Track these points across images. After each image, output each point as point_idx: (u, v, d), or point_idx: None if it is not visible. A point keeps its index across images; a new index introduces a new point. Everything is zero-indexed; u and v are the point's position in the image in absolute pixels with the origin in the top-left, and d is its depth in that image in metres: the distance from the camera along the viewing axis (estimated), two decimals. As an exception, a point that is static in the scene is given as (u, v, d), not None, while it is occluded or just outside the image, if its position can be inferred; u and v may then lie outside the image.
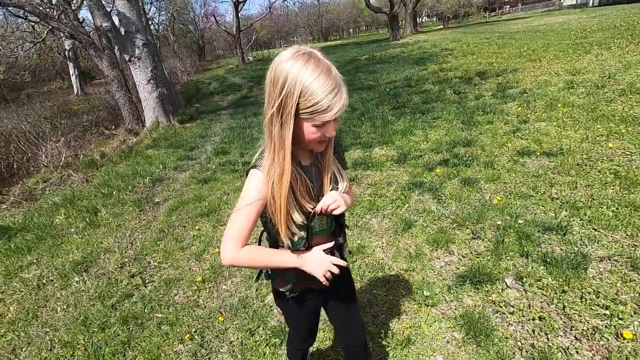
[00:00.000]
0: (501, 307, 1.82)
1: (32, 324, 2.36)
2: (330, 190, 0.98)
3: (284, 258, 0.98)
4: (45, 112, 12.77)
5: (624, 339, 1.53)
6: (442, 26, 40.72)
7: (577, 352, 1.53)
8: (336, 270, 0.98)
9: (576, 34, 11.85)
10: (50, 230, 3.74)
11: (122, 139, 8.04)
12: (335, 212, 0.95)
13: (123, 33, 7.70)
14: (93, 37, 8.69)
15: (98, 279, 2.78)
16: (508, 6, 67.20)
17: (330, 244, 1.03)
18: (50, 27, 8.61)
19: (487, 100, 5.55)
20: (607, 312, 1.67)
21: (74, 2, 8.85)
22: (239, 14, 25.32)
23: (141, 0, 11.00)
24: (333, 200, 0.95)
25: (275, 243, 1.03)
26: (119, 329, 2.15)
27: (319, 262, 0.98)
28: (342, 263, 0.99)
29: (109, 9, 8.24)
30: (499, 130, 4.20)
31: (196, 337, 1.99)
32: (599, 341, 1.56)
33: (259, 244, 1.03)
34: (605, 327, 1.60)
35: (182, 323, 2.12)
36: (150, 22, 29.18)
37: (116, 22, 7.96)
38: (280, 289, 1.11)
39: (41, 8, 7.79)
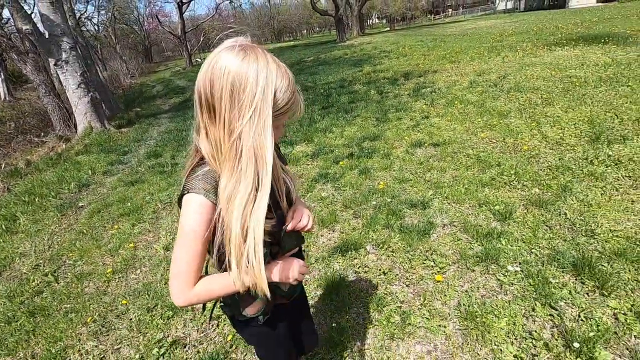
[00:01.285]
0: (359, 268, 2.22)
1: (-64, 327, 2.41)
2: (286, 191, 0.88)
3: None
4: (-36, 120, 11.77)
5: (437, 281, 1.98)
6: (389, 28, 42.49)
7: (403, 294, 1.95)
8: (307, 271, 0.91)
9: (495, 37, 13.13)
10: (-38, 240, 3.67)
11: (52, 145, 7.73)
12: (309, 227, 0.90)
13: (47, 36, 7.42)
14: (15, 40, 8.24)
15: (10, 281, 2.85)
16: (450, 9, 71.31)
17: (294, 250, 0.95)
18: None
19: (403, 99, 6.14)
20: (432, 263, 2.13)
21: (-9, 2, 8.31)
22: (184, 15, 24.75)
23: (69, 1, 10.57)
24: (308, 216, 0.90)
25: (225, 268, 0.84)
26: (25, 321, 2.29)
27: (287, 269, 0.88)
28: (306, 268, 0.92)
29: (29, 11, 7.87)
30: (403, 125, 4.73)
31: (98, 319, 2.19)
32: (420, 285, 2.00)
33: (206, 273, 0.87)
34: (427, 274, 2.05)
35: (88, 310, 2.30)
36: (85, 23, 27.53)
37: (40, 24, 7.65)
38: (250, 315, 0.94)
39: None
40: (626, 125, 3.48)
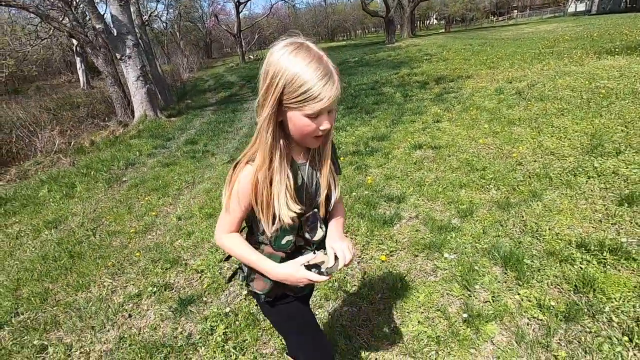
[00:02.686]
0: (323, 246, 2.58)
1: (7, 260, 3.18)
2: (325, 193, 0.96)
3: (259, 262, 0.95)
4: (50, 103, 13.73)
5: (382, 261, 2.29)
6: (444, 30, 41.19)
7: (351, 269, 2.29)
8: (317, 278, 0.92)
9: (547, 43, 12.45)
10: (34, 200, 4.58)
11: (112, 129, 8.90)
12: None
13: (115, 34, 8.56)
14: (90, 37, 9.56)
15: (61, 232, 3.60)
16: (516, 11, 66.98)
17: (314, 257, 0.94)
18: (52, 26, 9.51)
19: (424, 103, 6.28)
20: (385, 247, 2.43)
21: (74, 3, 9.72)
22: (240, 14, 26.19)
23: (137, 2, 11.91)
24: (351, 254, 0.95)
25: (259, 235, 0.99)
26: (66, 261, 2.96)
27: (293, 277, 0.92)
28: (320, 279, 0.91)
29: (102, 12, 9.09)
30: (412, 128, 4.94)
31: (117, 264, 2.79)
32: (368, 263, 2.31)
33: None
34: (377, 255, 2.36)
35: (111, 257, 2.91)
36: (154, 20, 30.10)
37: (111, 24, 8.83)
38: (256, 290, 1.03)
39: (42, 9, 8.67)
40: (629, 139, 3.43)
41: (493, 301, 1.84)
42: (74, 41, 21.23)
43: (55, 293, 2.54)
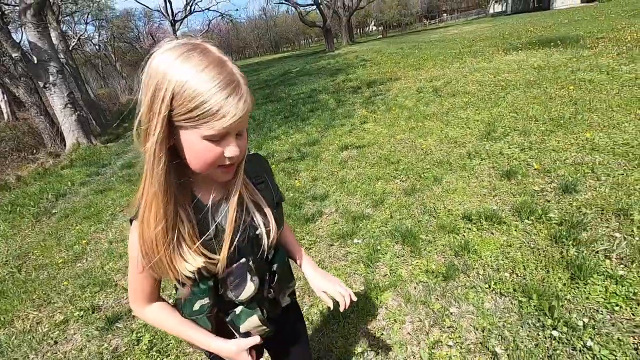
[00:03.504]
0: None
1: None
2: (248, 234, 0.75)
3: (196, 336, 0.79)
4: (-33, 141, 12.54)
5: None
6: (381, 36, 43.30)
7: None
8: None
9: (467, 43, 13.67)
10: (-51, 244, 4.26)
11: (42, 161, 8.39)
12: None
13: (35, 61, 8.13)
14: (7, 66, 8.97)
15: (-18, 273, 3.41)
16: (445, 14, 71.97)
17: (255, 340, 0.80)
18: (-40, 58, 8.81)
19: (355, 107, 6.68)
20: (304, 241, 2.64)
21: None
22: (177, 32, 25.72)
23: (59, 27, 11.36)
24: (349, 294, 0.86)
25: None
26: (-13, 301, 2.84)
27: (232, 357, 0.79)
28: (257, 341, 0.80)
29: (17, 39, 8.60)
30: (340, 131, 5.27)
31: (43, 295, 2.73)
32: (289, 258, 2.51)
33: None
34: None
35: (37, 290, 2.84)
36: (84, 44, 28.57)
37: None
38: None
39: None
40: (515, 123, 3.98)
41: (390, 274, 2.12)
42: (-8, 71, 19.64)
43: (-27, 335, 2.45)
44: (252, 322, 0.80)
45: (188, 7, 26.13)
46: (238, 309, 0.80)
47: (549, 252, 2.01)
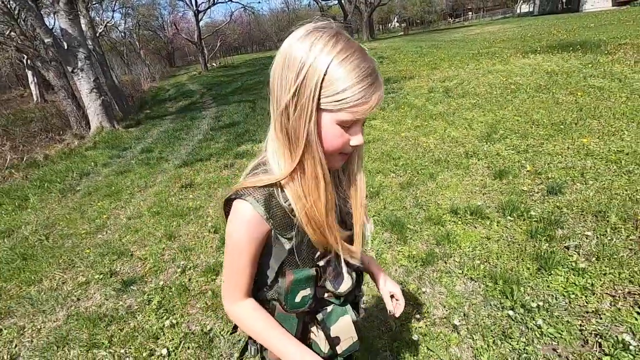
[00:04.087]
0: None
1: (-40, 267, 3.35)
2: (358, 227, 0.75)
3: (280, 344, 0.72)
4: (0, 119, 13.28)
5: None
6: (403, 33, 42.83)
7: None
8: None
9: (487, 44, 13.53)
10: (-15, 213, 4.69)
11: (68, 142, 8.89)
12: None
13: (66, 47, 8.58)
14: (39, 50, 9.48)
15: (14, 239, 3.78)
16: (471, 13, 70.40)
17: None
18: (-2, 41, 9.36)
19: (366, 103, 6.84)
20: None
21: (21, 16, 9.59)
22: (200, 22, 26.20)
23: (88, 14, 11.86)
24: (403, 300, 0.87)
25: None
26: (19, 262, 3.19)
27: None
28: None
29: (50, 26, 9.07)
30: (349, 126, 5.46)
31: (68, 260, 3.06)
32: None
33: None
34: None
35: (63, 256, 3.18)
36: (110, 31, 29.39)
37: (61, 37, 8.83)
38: None
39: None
40: (517, 126, 4.09)
41: (375, 257, 2.32)
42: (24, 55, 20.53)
43: (8, 290, 2.78)
44: (344, 323, 0.77)
45: (212, -2, 26.54)
46: (330, 307, 0.77)
47: (523, 246, 2.18)
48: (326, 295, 0.76)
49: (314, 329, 0.78)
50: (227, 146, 5.85)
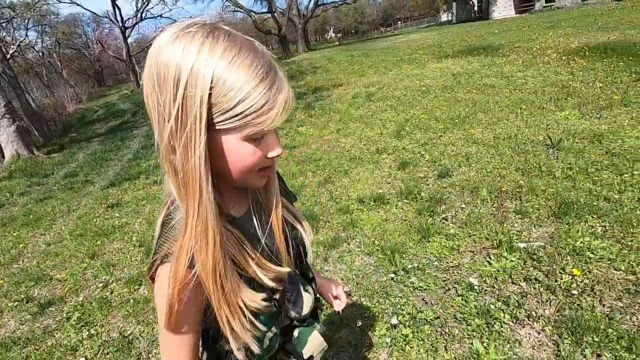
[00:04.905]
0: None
1: None
2: (293, 240, 0.68)
3: None
4: None
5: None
6: (338, 43, 44.55)
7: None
8: None
9: (410, 51, 14.70)
10: None
11: (-23, 174, 8.06)
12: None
13: (-33, 71, 7.85)
14: None
15: None
16: (400, 22, 75.10)
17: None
18: None
19: (296, 112, 7.15)
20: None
21: None
22: (129, 38, 25.09)
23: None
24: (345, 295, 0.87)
25: None
26: None
27: None
28: None
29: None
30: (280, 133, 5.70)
31: (-23, 294, 2.90)
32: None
33: None
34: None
35: (-28, 291, 2.99)
36: (25, 51, 26.98)
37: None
38: None
39: None
40: (421, 122, 4.62)
41: (291, 248, 2.56)
42: None
43: None
44: (314, 340, 0.72)
45: (139, 14, 25.58)
46: (296, 332, 0.71)
47: (412, 222, 2.55)
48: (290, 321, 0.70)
49: (285, 357, 0.74)
50: (158, 163, 5.75)
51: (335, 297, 0.89)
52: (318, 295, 0.83)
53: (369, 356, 1.61)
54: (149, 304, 2.29)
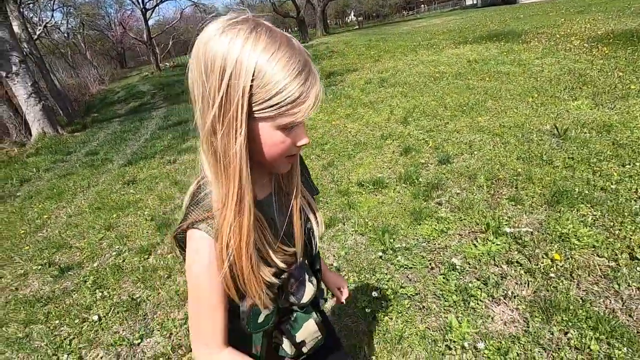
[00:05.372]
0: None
1: None
2: (305, 229, 0.72)
3: None
4: None
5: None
6: (357, 27, 43.66)
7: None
8: None
9: (428, 36, 14.34)
10: None
11: (6, 150, 8.54)
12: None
13: (-3, 52, 8.22)
14: (-32, 56, 8.96)
15: (-50, 245, 3.79)
16: (423, 5, 72.58)
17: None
18: None
19: (308, 96, 7.21)
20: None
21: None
22: (150, 20, 25.36)
23: (21, 15, 11.30)
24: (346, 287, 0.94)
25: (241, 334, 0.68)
26: (-44, 265, 3.25)
27: None
28: None
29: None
30: (288, 118, 5.80)
31: (6, 258, 3.18)
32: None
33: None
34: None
35: (1, 254, 3.28)
36: (51, 32, 27.68)
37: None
38: None
39: None
40: (429, 109, 4.62)
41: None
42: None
43: (-55, 289, 2.88)
44: (309, 327, 0.75)
45: (159, -5, 25.74)
46: (294, 315, 0.75)
47: (407, 205, 2.63)
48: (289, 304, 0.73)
49: (279, 335, 0.75)
50: (172, 144, 6.00)
51: (339, 290, 0.97)
52: (323, 287, 0.87)
53: (350, 325, 1.73)
54: (156, 272, 2.48)
